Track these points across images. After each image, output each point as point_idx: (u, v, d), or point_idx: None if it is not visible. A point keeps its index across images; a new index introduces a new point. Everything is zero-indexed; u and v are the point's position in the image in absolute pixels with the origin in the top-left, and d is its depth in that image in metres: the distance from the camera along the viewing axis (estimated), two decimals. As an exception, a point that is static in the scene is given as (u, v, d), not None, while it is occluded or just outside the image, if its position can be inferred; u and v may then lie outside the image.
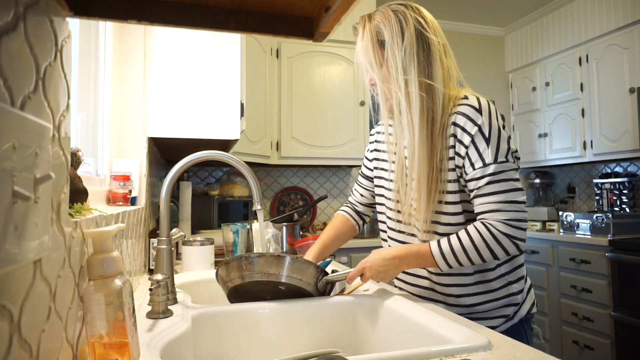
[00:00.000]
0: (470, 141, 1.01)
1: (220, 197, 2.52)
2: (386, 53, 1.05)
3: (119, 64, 1.45)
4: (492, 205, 0.98)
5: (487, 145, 1.00)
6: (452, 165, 1.04)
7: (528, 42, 3.69)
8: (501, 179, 0.99)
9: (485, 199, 0.99)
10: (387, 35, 1.04)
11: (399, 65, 1.03)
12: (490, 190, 0.99)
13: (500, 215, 0.97)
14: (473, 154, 1.01)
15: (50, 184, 0.44)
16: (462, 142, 1.02)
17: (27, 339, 0.38)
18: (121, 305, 0.57)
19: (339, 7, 0.53)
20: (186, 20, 0.56)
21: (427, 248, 1.02)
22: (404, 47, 1.03)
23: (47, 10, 0.44)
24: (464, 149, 1.02)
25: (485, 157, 1.00)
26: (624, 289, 2.47)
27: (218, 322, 0.99)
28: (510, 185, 0.99)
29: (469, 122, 1.01)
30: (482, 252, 0.98)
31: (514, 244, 0.97)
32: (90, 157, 1.24)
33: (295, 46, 2.97)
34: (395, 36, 1.03)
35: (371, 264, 1.05)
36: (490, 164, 0.99)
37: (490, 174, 0.99)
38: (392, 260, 1.04)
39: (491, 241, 0.97)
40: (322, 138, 2.99)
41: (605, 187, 3.12)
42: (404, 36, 1.03)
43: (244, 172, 1.11)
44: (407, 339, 0.94)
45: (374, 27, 1.06)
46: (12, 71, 0.35)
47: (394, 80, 1.05)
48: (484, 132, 1.00)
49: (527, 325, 1.11)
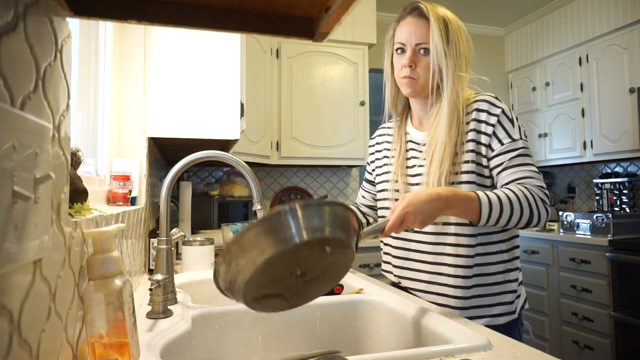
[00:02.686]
0: (496, 121, 1.07)
1: (220, 197, 2.52)
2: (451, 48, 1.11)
3: (119, 64, 1.45)
4: (526, 173, 1.03)
5: (512, 125, 1.08)
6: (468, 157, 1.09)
7: (528, 42, 3.69)
8: (528, 154, 1.07)
9: (518, 168, 1.04)
10: (452, 32, 1.12)
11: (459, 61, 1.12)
12: (523, 161, 1.05)
13: (536, 182, 1.03)
14: (500, 132, 1.07)
15: (50, 184, 0.44)
16: (488, 122, 1.08)
17: (27, 339, 0.38)
18: (121, 305, 0.57)
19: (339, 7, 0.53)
20: (186, 20, 0.56)
21: (474, 195, 0.98)
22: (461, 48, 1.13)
23: (47, 10, 0.44)
24: (490, 128, 1.08)
25: (513, 134, 1.07)
26: (624, 289, 2.47)
27: (218, 322, 0.99)
28: (533, 161, 1.07)
29: (493, 106, 1.09)
30: (524, 211, 0.98)
31: (545, 210, 1.01)
32: (90, 157, 1.24)
33: (295, 46, 2.97)
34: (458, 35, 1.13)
35: (415, 207, 0.90)
36: (519, 140, 1.06)
37: (521, 147, 1.06)
38: (437, 201, 0.92)
39: (532, 202, 0.99)
40: (322, 138, 2.99)
41: (605, 187, 3.12)
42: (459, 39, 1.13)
43: (244, 172, 1.11)
44: (407, 339, 0.94)
45: (442, 17, 1.11)
46: (12, 71, 0.35)
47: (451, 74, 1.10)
48: (507, 114, 1.08)
49: (519, 321, 1.12)
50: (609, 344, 2.55)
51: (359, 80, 3.07)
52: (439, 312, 0.93)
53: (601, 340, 2.59)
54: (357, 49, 3.06)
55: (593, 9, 3.08)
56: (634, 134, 2.74)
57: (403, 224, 0.90)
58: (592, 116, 3.07)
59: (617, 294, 2.50)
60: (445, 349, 0.72)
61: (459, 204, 0.96)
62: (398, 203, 0.92)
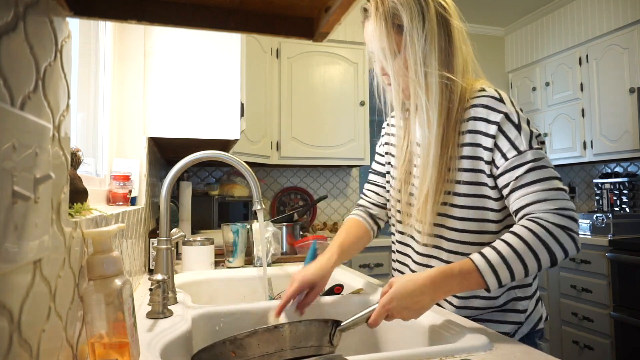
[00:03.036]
0: (497, 130, 0.89)
1: (220, 197, 2.52)
2: (404, 40, 0.92)
3: (119, 64, 1.45)
4: (538, 195, 0.84)
5: (519, 132, 0.88)
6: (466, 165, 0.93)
7: (528, 42, 3.69)
8: (541, 166, 0.86)
9: (526, 189, 0.85)
10: (406, 20, 0.91)
11: (418, 54, 0.92)
12: (532, 178, 0.85)
13: (551, 204, 0.83)
14: (504, 144, 0.89)
15: (50, 184, 0.44)
16: (487, 134, 0.90)
17: (27, 339, 0.38)
18: (121, 305, 0.57)
19: (339, 7, 0.53)
20: (186, 20, 0.56)
21: (470, 264, 0.81)
22: (425, 34, 0.91)
23: (47, 10, 0.44)
24: (490, 140, 0.90)
25: (519, 144, 0.88)
26: (624, 289, 2.47)
27: (218, 322, 0.99)
28: (551, 172, 0.87)
29: (492, 112, 0.91)
30: (540, 254, 0.80)
31: (570, 238, 0.81)
32: (90, 157, 1.24)
33: (295, 46, 2.97)
34: (415, 21, 0.91)
35: (397, 303, 0.79)
36: (527, 151, 0.87)
37: (529, 161, 0.86)
38: (426, 294, 0.79)
39: (547, 237, 0.80)
40: (322, 138, 2.99)
41: (605, 187, 3.12)
42: (424, 21, 0.91)
43: (244, 172, 1.11)
44: (407, 339, 0.94)
45: (389, 8, 0.93)
46: (12, 71, 0.35)
47: (412, 72, 0.93)
48: (511, 119, 0.89)
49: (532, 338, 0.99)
50: (609, 344, 2.55)
51: (359, 80, 3.07)
52: (439, 312, 0.93)
53: (601, 340, 2.59)
54: (357, 49, 3.06)
55: (593, 9, 3.08)
56: (634, 134, 2.74)
57: (388, 317, 0.81)
58: (592, 116, 3.07)
59: (617, 294, 2.50)
60: (446, 349, 0.72)
61: (457, 284, 0.81)
62: (384, 289, 0.83)
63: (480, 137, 0.91)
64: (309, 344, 0.77)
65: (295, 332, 0.76)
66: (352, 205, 3.42)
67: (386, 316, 0.81)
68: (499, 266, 0.80)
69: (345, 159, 3.04)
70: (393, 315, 0.81)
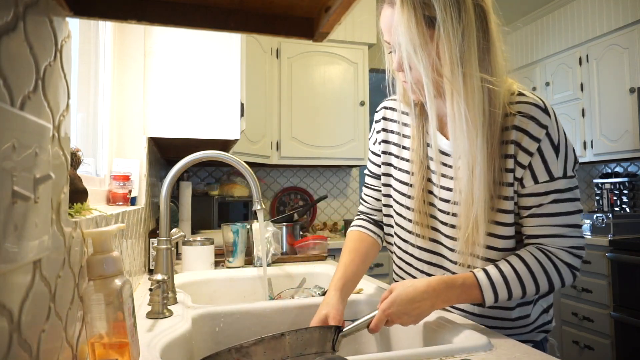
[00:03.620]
0: (536, 149, 0.83)
1: (220, 197, 2.52)
2: (438, 34, 0.79)
3: (119, 64, 1.45)
4: (556, 229, 0.83)
5: (557, 156, 0.83)
6: (510, 179, 0.85)
7: (528, 42, 3.69)
8: (568, 198, 0.83)
9: (547, 219, 0.83)
10: (439, 10, 0.78)
11: (454, 52, 0.79)
12: (556, 210, 0.83)
13: (565, 241, 0.83)
14: (538, 166, 0.83)
15: (50, 184, 0.44)
16: (527, 150, 0.83)
17: (27, 339, 0.38)
18: (121, 305, 0.57)
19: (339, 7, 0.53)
20: (186, 20, 0.56)
21: (473, 280, 0.82)
22: (462, 28, 0.79)
23: (47, 10, 0.44)
24: (527, 158, 0.83)
25: (554, 170, 0.83)
26: (624, 289, 2.47)
27: (218, 322, 0.99)
28: (576, 206, 0.84)
29: (537, 126, 0.83)
30: (540, 281, 0.82)
31: (572, 274, 0.84)
32: (90, 157, 1.24)
33: (295, 46, 2.97)
34: (449, 12, 0.78)
35: (397, 308, 0.80)
36: (559, 179, 0.83)
37: (558, 190, 0.83)
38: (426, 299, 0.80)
39: (551, 270, 0.82)
40: (322, 138, 2.99)
41: (605, 187, 3.12)
42: (460, 13, 0.79)
43: (244, 172, 1.11)
44: (407, 339, 0.94)
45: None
46: (12, 71, 0.35)
47: (449, 72, 0.80)
48: (552, 139, 0.83)
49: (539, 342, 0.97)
50: (609, 344, 2.55)
51: (359, 80, 3.08)
52: (438, 311, 0.93)
53: (601, 340, 2.59)
54: (357, 49, 3.06)
55: (593, 9, 3.08)
56: (634, 134, 2.74)
57: (388, 323, 0.82)
58: (592, 116, 3.07)
59: (617, 294, 2.50)
60: (446, 349, 0.72)
61: (456, 296, 0.83)
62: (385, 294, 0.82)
63: (520, 151, 0.84)
64: (313, 351, 0.78)
65: (300, 340, 0.77)
66: (352, 206, 3.42)
67: (386, 321, 0.81)
68: (499, 286, 0.82)
69: (345, 159, 3.04)
70: (393, 321, 0.81)
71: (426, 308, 0.81)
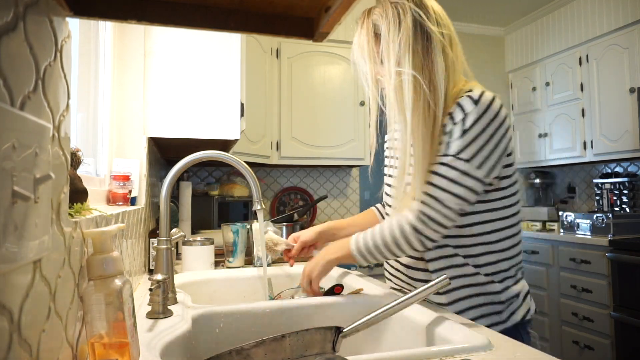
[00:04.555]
0: (450, 129, 0.96)
1: (220, 197, 2.52)
2: (381, 46, 1.02)
3: (119, 64, 1.45)
4: (419, 195, 0.97)
5: (461, 137, 0.94)
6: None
7: (528, 42, 3.69)
8: (445, 175, 0.94)
9: (423, 185, 0.97)
10: (384, 28, 1.00)
11: (392, 57, 0.99)
12: (429, 179, 0.96)
13: (419, 205, 0.97)
14: (445, 139, 0.96)
15: (50, 184, 0.44)
16: (445, 130, 0.97)
17: (27, 339, 0.38)
18: (121, 305, 0.57)
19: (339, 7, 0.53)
20: (186, 20, 0.56)
21: (348, 243, 1.07)
22: (399, 39, 0.98)
23: (47, 10, 0.44)
24: (444, 135, 0.98)
25: (452, 146, 0.95)
26: (624, 289, 2.47)
27: (218, 322, 0.99)
28: (448, 185, 0.94)
29: (460, 110, 0.96)
30: (392, 249, 1.01)
31: (419, 241, 0.97)
32: (90, 157, 1.24)
33: (295, 46, 2.97)
34: (391, 27, 0.99)
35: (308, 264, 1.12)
36: (451, 156, 0.94)
37: (443, 163, 0.95)
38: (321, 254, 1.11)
39: (400, 238, 0.99)
40: (322, 138, 2.99)
41: (605, 187, 3.12)
42: (400, 27, 0.98)
43: (244, 172, 1.11)
44: (407, 339, 0.94)
45: (371, 21, 1.05)
46: (12, 71, 0.35)
47: (386, 72, 1.00)
48: (465, 122, 0.94)
49: (523, 330, 1.06)
50: (609, 344, 2.55)
51: (359, 80, 3.07)
52: (439, 311, 0.93)
53: (601, 340, 2.59)
54: (357, 49, 3.05)
55: (593, 9, 3.08)
56: (634, 134, 2.74)
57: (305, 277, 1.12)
58: (592, 116, 3.07)
59: (617, 294, 2.50)
60: (445, 349, 0.72)
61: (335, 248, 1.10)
62: None
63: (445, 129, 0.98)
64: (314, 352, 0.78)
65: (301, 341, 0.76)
66: (352, 206, 3.42)
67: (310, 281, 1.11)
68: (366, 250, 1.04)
69: (345, 159, 3.04)
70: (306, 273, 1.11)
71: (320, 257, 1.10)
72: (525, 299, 1.08)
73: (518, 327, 1.04)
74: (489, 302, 1.01)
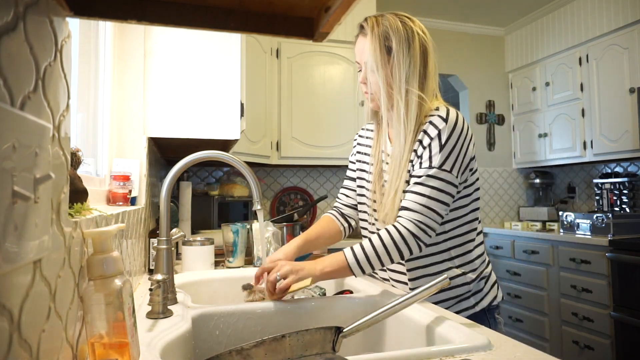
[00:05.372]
0: (428, 143, 1.08)
1: (220, 197, 2.52)
2: (392, 60, 1.11)
3: (119, 64, 1.45)
4: (412, 205, 1.05)
5: (440, 150, 1.06)
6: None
7: (528, 42, 3.69)
8: (434, 186, 1.05)
9: (411, 195, 1.06)
10: (395, 43, 1.10)
11: (402, 74, 1.10)
12: (419, 190, 1.05)
13: (416, 215, 1.04)
14: (425, 154, 1.07)
15: (50, 184, 0.44)
16: (422, 144, 1.09)
17: (27, 339, 0.38)
18: (121, 305, 0.57)
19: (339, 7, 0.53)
20: (186, 20, 0.56)
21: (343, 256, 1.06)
22: (409, 58, 1.10)
23: (47, 10, 0.44)
24: (422, 149, 1.09)
25: (434, 160, 1.06)
26: (624, 289, 2.47)
27: (218, 322, 0.99)
28: (438, 195, 1.05)
29: (433, 127, 1.08)
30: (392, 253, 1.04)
31: (417, 245, 1.04)
32: (90, 157, 1.24)
33: (295, 46, 2.97)
34: (403, 45, 1.10)
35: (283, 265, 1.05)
36: (435, 168, 1.05)
37: (430, 176, 1.05)
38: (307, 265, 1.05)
39: (399, 241, 1.03)
40: (322, 138, 2.99)
41: (605, 187, 3.12)
42: (410, 48, 1.10)
43: (244, 172, 1.11)
44: (407, 339, 0.94)
45: (382, 31, 1.11)
46: (12, 71, 0.35)
47: (397, 87, 1.10)
48: (441, 138, 1.07)
49: (490, 315, 1.17)
50: (609, 344, 2.55)
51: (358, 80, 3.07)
52: (439, 311, 0.93)
53: (601, 340, 2.59)
54: (357, 49, 3.05)
55: (593, 9, 3.08)
56: (634, 134, 2.74)
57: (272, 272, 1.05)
58: (592, 116, 3.07)
59: (617, 294, 2.50)
60: (445, 349, 0.72)
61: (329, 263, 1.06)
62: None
63: (420, 145, 1.10)
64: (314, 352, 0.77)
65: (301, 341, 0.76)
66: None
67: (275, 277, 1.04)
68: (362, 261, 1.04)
69: (345, 159, 3.03)
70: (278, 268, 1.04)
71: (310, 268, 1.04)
72: (492, 287, 1.20)
73: (485, 312, 1.16)
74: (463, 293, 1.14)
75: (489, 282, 1.19)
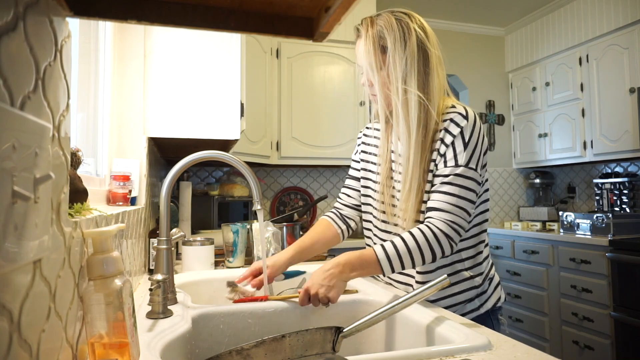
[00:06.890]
0: (451, 142, 1.06)
1: (220, 197, 2.52)
2: (387, 59, 1.08)
3: (119, 64, 1.45)
4: (442, 205, 1.02)
5: (464, 149, 1.04)
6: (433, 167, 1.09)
7: (528, 42, 3.69)
8: (461, 185, 1.03)
9: (439, 195, 1.03)
10: (390, 42, 1.07)
11: (399, 73, 1.07)
12: (448, 190, 1.03)
13: (447, 215, 1.02)
14: (449, 153, 1.05)
15: (50, 184, 0.44)
16: (444, 142, 1.07)
17: (27, 339, 0.38)
18: (121, 305, 0.57)
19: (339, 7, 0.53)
20: (186, 20, 0.56)
21: (372, 252, 1.01)
22: (405, 57, 1.06)
23: (47, 10, 0.44)
24: (444, 147, 1.06)
25: (459, 158, 1.04)
26: (624, 289, 2.47)
27: (218, 322, 0.99)
28: (466, 193, 1.03)
29: (454, 125, 1.06)
30: (425, 252, 1.00)
31: (449, 245, 1.02)
32: (90, 157, 1.24)
33: (295, 46, 2.97)
34: (397, 44, 1.07)
35: (313, 281, 1.00)
36: (461, 166, 1.04)
37: (457, 174, 1.03)
38: (333, 268, 1.00)
39: (432, 241, 1.00)
40: (322, 138, 2.99)
41: (605, 187, 3.12)
42: (406, 45, 1.07)
43: (244, 172, 1.11)
44: (407, 339, 0.94)
45: (377, 31, 1.09)
46: (12, 71, 0.35)
47: (394, 88, 1.08)
48: (464, 136, 1.05)
49: (493, 316, 1.16)
50: (609, 344, 2.55)
51: (359, 80, 3.07)
52: (439, 312, 0.93)
53: (601, 340, 2.59)
54: (357, 49, 3.05)
55: (593, 9, 3.08)
56: (634, 134, 2.74)
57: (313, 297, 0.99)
58: (592, 116, 3.07)
59: (617, 294, 2.50)
60: (445, 349, 0.72)
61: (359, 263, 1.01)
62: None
63: (442, 144, 1.07)
64: (314, 352, 0.78)
65: (301, 341, 0.76)
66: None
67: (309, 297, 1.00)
68: (393, 257, 1.00)
69: (345, 159, 3.04)
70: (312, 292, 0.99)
71: (337, 274, 0.99)
72: (496, 288, 1.19)
73: (489, 314, 1.15)
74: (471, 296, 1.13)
75: (492, 283, 1.18)
